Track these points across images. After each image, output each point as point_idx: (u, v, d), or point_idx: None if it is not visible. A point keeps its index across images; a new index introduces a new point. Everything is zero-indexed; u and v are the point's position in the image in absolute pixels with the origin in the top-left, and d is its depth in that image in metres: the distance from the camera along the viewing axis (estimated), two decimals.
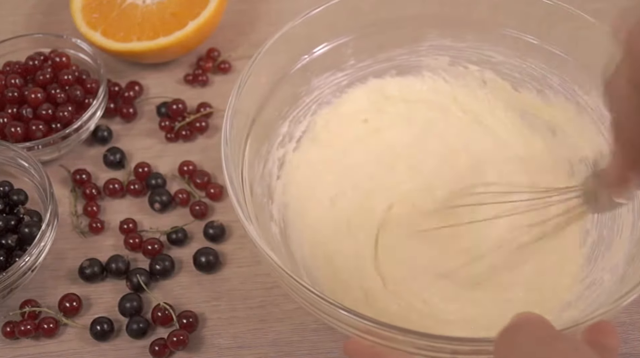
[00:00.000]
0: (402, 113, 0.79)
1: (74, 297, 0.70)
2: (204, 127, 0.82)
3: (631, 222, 0.67)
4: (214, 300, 0.71)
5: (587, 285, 0.66)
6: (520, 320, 0.49)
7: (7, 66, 0.82)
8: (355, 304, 0.57)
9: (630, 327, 0.68)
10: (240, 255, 0.74)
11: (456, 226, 0.70)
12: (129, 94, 0.84)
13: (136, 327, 0.68)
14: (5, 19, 0.92)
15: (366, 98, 0.79)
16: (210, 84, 0.86)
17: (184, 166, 0.79)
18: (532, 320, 0.49)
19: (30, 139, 0.76)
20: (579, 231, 0.71)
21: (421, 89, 0.80)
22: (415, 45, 0.78)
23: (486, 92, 0.79)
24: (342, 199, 0.74)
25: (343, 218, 0.73)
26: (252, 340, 0.68)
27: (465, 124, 0.78)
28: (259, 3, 0.93)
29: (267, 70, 0.71)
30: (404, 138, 0.77)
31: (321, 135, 0.77)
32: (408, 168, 0.76)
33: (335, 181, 0.75)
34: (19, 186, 0.74)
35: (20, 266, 0.67)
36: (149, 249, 0.73)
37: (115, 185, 0.77)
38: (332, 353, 0.68)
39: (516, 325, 0.49)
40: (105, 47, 0.84)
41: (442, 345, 0.55)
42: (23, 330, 0.68)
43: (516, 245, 0.69)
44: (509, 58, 0.77)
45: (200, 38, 0.86)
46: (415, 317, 0.66)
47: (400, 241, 0.71)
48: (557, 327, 0.51)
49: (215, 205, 0.77)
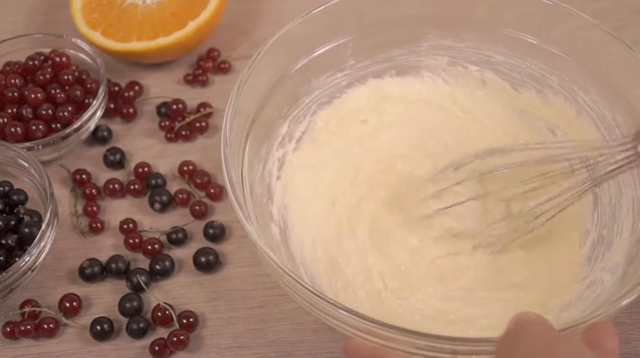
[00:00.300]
0: (402, 113, 0.79)
1: (74, 297, 0.70)
2: (204, 127, 0.82)
3: (631, 222, 0.67)
4: (214, 300, 0.71)
5: (587, 285, 0.66)
6: (521, 323, 0.49)
7: (7, 66, 0.82)
8: (355, 304, 0.57)
9: (630, 327, 0.68)
10: (240, 255, 0.74)
11: (458, 226, 0.71)
12: (129, 94, 0.84)
13: (136, 327, 0.68)
14: (5, 19, 0.92)
15: (366, 98, 0.79)
16: (210, 84, 0.86)
17: (184, 166, 0.79)
18: (533, 322, 0.49)
19: (30, 139, 0.76)
20: (579, 231, 0.71)
21: (421, 89, 0.80)
22: (414, 46, 0.78)
23: (486, 92, 0.79)
24: (342, 199, 0.74)
25: (343, 218, 0.73)
26: (252, 340, 0.68)
27: (465, 124, 0.78)
28: (259, 3, 0.93)
29: (267, 70, 0.71)
30: (404, 138, 0.78)
31: (321, 136, 0.77)
32: (408, 168, 0.76)
33: (334, 181, 0.75)
34: (19, 186, 0.74)
35: (20, 266, 0.67)
36: (149, 249, 0.73)
37: (115, 185, 0.77)
38: (332, 353, 0.68)
39: (517, 328, 0.49)
40: (105, 47, 0.84)
41: (442, 345, 0.55)
42: (23, 330, 0.68)
43: (522, 237, 0.69)
44: (508, 58, 0.77)
45: (200, 38, 0.86)
46: (416, 317, 0.66)
47: (401, 241, 0.71)
48: (557, 327, 0.51)
49: (215, 205, 0.77)
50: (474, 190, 0.72)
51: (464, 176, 0.72)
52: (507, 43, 0.76)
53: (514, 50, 0.76)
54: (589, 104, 0.73)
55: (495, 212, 0.72)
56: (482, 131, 0.78)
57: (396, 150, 0.77)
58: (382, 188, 0.74)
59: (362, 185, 0.75)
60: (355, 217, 0.73)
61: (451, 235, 0.71)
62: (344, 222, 0.72)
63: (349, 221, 0.72)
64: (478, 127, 0.78)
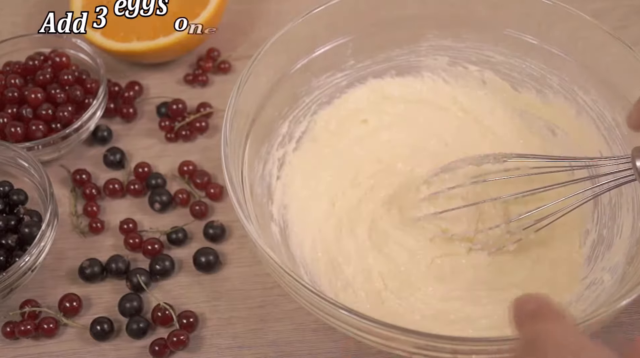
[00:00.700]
0: (402, 113, 0.79)
1: (74, 297, 0.70)
2: (204, 127, 0.82)
3: (631, 222, 0.67)
4: (214, 300, 0.71)
5: (587, 285, 0.66)
6: (541, 336, 0.46)
7: (7, 66, 0.82)
8: (355, 304, 0.57)
9: (630, 327, 0.68)
10: (240, 255, 0.74)
11: (452, 229, 0.71)
12: (129, 94, 0.84)
13: (136, 327, 0.68)
14: (5, 19, 0.92)
15: (366, 98, 0.79)
16: (210, 84, 0.86)
17: (184, 166, 0.79)
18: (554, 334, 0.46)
19: (30, 139, 0.76)
20: (578, 231, 0.71)
21: (421, 89, 0.80)
22: (414, 46, 0.78)
23: (486, 92, 0.79)
24: (342, 199, 0.74)
25: (343, 218, 0.73)
26: (252, 340, 0.68)
27: (465, 124, 0.78)
28: (259, 3, 0.93)
29: (267, 70, 0.71)
30: (404, 138, 0.78)
31: (321, 136, 0.77)
32: (407, 168, 0.76)
33: (334, 181, 0.75)
34: (19, 186, 0.74)
35: (20, 266, 0.67)
36: (149, 249, 0.73)
37: (115, 185, 0.77)
38: (332, 353, 0.68)
39: (538, 343, 0.45)
40: (105, 47, 0.84)
41: (442, 345, 0.55)
42: (23, 330, 0.68)
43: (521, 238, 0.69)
44: (508, 58, 0.77)
45: (200, 38, 0.86)
46: (416, 317, 0.66)
47: (400, 241, 0.71)
48: None
49: (215, 205, 0.77)
50: (468, 195, 0.72)
51: (459, 180, 0.71)
52: (507, 43, 0.76)
53: (514, 50, 0.76)
54: (589, 104, 0.73)
55: (491, 215, 0.71)
56: (482, 131, 0.78)
57: (396, 150, 0.77)
58: (382, 188, 0.74)
59: (362, 185, 0.75)
60: (355, 217, 0.73)
61: (446, 237, 0.71)
62: (344, 221, 0.73)
63: (348, 221, 0.72)
64: (478, 127, 0.78)
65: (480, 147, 0.76)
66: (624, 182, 0.64)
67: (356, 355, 0.67)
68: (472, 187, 0.71)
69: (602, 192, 0.66)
